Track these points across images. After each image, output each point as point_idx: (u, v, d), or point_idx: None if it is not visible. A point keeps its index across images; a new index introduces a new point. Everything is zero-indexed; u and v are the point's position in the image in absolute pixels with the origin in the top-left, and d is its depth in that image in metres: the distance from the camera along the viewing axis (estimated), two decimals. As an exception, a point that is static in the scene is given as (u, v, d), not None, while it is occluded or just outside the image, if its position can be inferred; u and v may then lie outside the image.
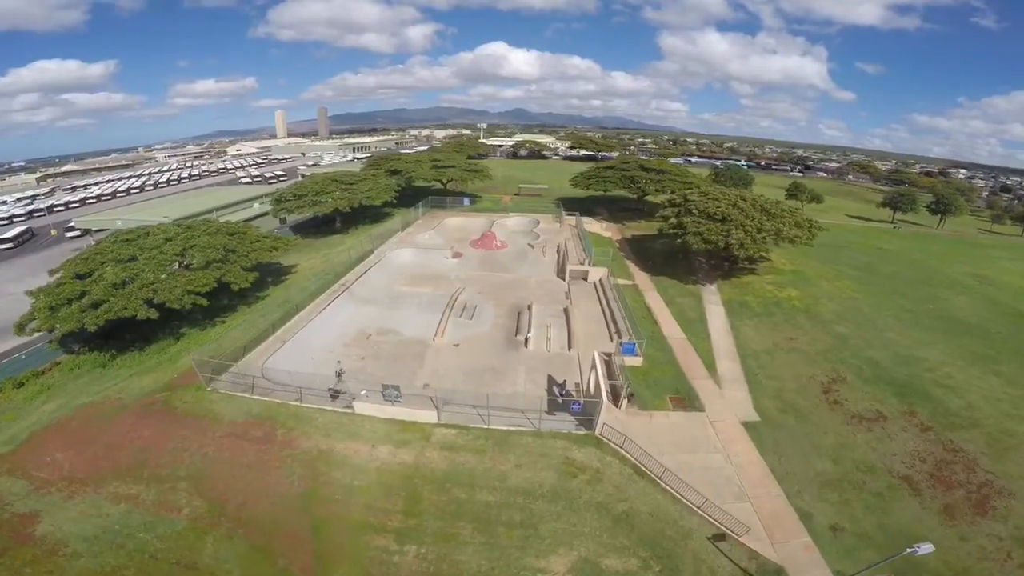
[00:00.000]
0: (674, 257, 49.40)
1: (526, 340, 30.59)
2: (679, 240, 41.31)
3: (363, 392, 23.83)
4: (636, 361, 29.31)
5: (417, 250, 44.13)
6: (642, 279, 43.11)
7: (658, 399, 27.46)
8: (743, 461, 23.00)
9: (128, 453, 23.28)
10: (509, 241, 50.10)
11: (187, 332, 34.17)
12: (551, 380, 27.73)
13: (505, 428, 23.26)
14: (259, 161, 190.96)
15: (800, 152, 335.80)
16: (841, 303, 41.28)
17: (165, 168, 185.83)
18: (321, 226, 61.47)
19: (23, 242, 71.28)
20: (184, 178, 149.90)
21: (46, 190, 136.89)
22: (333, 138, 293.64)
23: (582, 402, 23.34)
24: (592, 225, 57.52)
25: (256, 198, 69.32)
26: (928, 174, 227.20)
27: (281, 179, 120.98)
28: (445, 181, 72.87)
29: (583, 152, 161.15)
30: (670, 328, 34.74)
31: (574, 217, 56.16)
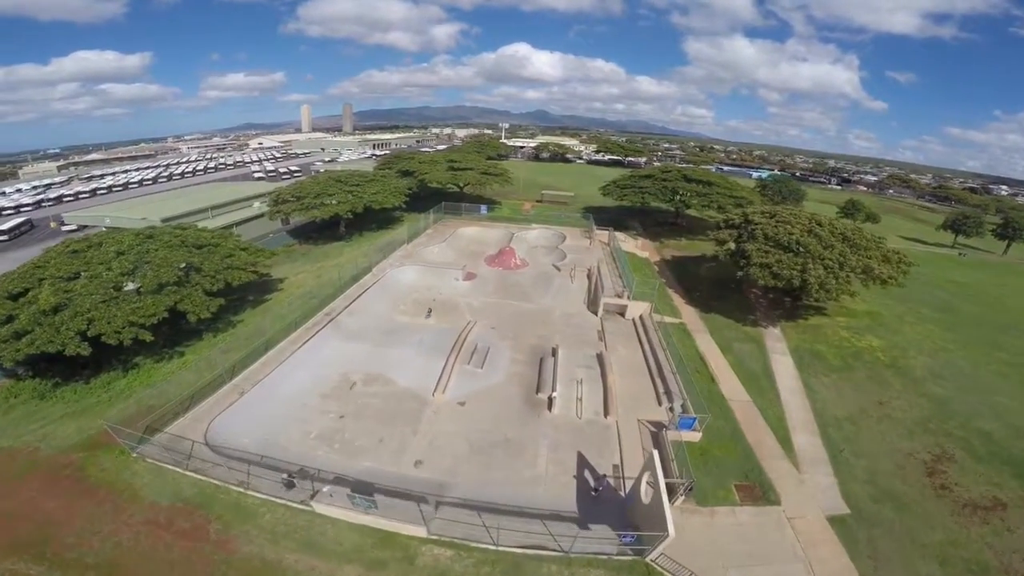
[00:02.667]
0: (725, 287, 42.19)
1: (550, 400, 23.90)
2: (741, 272, 34.11)
3: (326, 489, 17.42)
4: (693, 436, 22.54)
5: (423, 268, 37.58)
6: (689, 315, 36.02)
7: (721, 488, 20.88)
8: (830, 570, 17.79)
9: (29, 525, 18.33)
10: (530, 259, 43.39)
11: (140, 363, 28.34)
12: (582, 462, 21.05)
13: (520, 550, 16.59)
14: (277, 155, 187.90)
15: (832, 163, 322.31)
16: (932, 356, 33.91)
17: (184, 160, 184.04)
18: (324, 230, 55.63)
19: (19, 235, 67.61)
20: (200, 170, 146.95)
21: (63, 179, 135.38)
22: (356, 134, 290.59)
23: (635, 534, 16.55)
24: (626, 242, 50.50)
25: (257, 196, 64.10)
26: (972, 190, 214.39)
27: (295, 175, 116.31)
28: (462, 184, 66.50)
29: (609, 157, 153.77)
30: (730, 385, 27.75)
31: (606, 233, 49.14)
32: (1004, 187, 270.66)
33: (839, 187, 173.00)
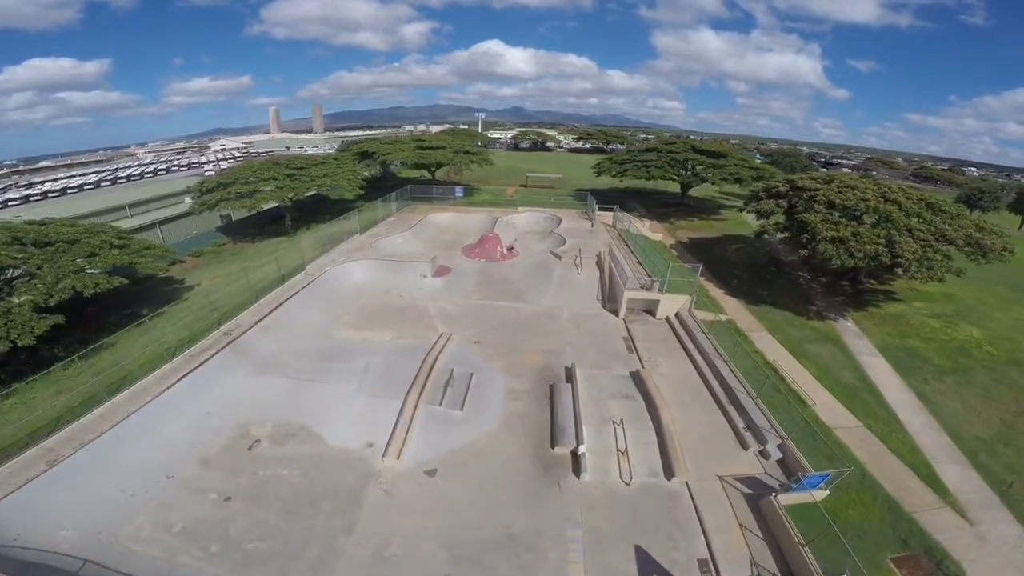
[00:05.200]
0: (765, 271, 33.94)
1: (576, 458, 15.00)
2: (805, 250, 25.62)
3: None
4: (815, 496, 14.11)
5: (378, 263, 27.75)
6: (735, 309, 27.45)
7: (875, 569, 12.99)
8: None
9: None
10: (520, 247, 34.39)
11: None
12: (646, 563, 12.26)
13: None
14: (237, 156, 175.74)
15: (805, 149, 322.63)
16: (1049, 346, 26.20)
17: (135, 164, 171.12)
18: (267, 225, 45.76)
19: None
20: (149, 173, 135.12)
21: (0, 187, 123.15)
22: (326, 133, 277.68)
23: None
24: (632, 224, 41.86)
25: (188, 191, 53.54)
26: (951, 171, 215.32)
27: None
28: (433, 169, 57.07)
29: (590, 144, 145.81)
30: (827, 406, 19.34)
31: (610, 214, 40.39)
32: (973, 168, 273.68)
33: (824, 170, 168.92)
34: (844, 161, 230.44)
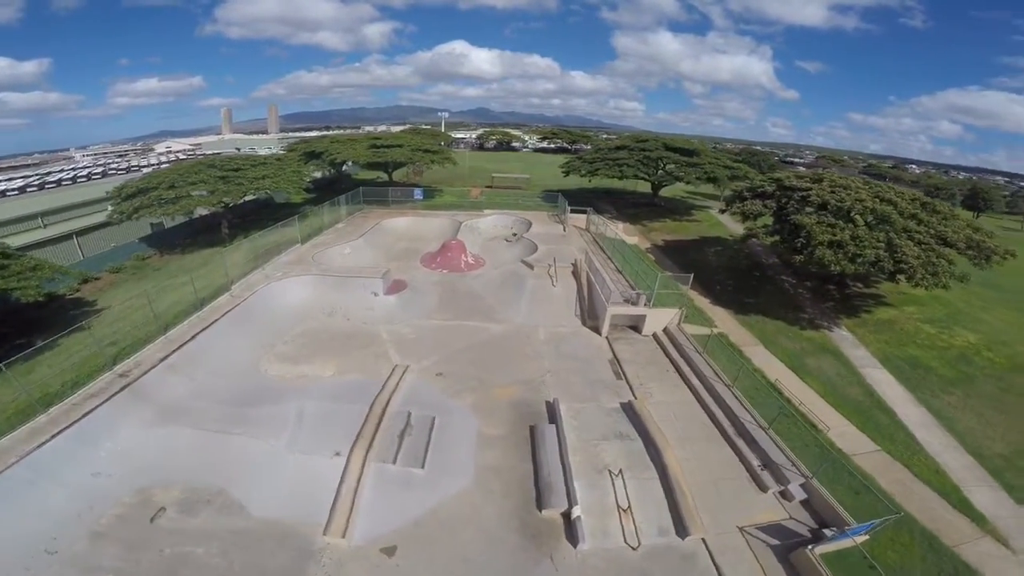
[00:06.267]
0: (748, 276, 32.03)
1: (569, 522, 12.06)
2: (802, 255, 23.56)
3: None
4: (857, 538, 11.92)
5: (321, 279, 23.57)
6: (724, 320, 25.18)
7: None
8: None
9: None
10: (487, 256, 31.29)
11: None
12: None
13: None
14: (182, 158, 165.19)
15: (759, 148, 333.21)
16: (1047, 352, 25.29)
17: (69, 167, 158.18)
18: (202, 234, 41.00)
19: None
20: (82, 178, 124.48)
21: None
22: (280, 134, 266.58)
23: None
24: (604, 227, 39.45)
25: (108, 196, 47.75)
26: (896, 167, 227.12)
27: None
28: (390, 170, 53.22)
29: (554, 144, 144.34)
30: (839, 429, 17.29)
31: (583, 216, 37.78)
32: (914, 166, 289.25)
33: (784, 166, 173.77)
34: (796, 160, 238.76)
